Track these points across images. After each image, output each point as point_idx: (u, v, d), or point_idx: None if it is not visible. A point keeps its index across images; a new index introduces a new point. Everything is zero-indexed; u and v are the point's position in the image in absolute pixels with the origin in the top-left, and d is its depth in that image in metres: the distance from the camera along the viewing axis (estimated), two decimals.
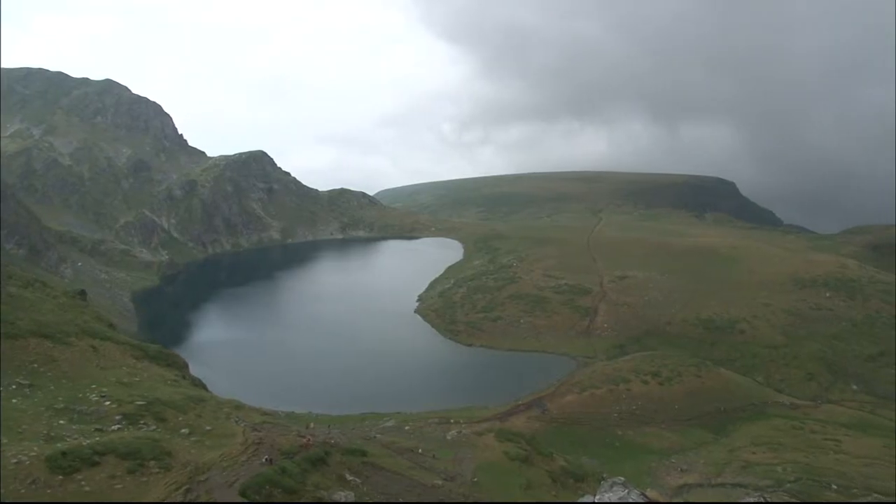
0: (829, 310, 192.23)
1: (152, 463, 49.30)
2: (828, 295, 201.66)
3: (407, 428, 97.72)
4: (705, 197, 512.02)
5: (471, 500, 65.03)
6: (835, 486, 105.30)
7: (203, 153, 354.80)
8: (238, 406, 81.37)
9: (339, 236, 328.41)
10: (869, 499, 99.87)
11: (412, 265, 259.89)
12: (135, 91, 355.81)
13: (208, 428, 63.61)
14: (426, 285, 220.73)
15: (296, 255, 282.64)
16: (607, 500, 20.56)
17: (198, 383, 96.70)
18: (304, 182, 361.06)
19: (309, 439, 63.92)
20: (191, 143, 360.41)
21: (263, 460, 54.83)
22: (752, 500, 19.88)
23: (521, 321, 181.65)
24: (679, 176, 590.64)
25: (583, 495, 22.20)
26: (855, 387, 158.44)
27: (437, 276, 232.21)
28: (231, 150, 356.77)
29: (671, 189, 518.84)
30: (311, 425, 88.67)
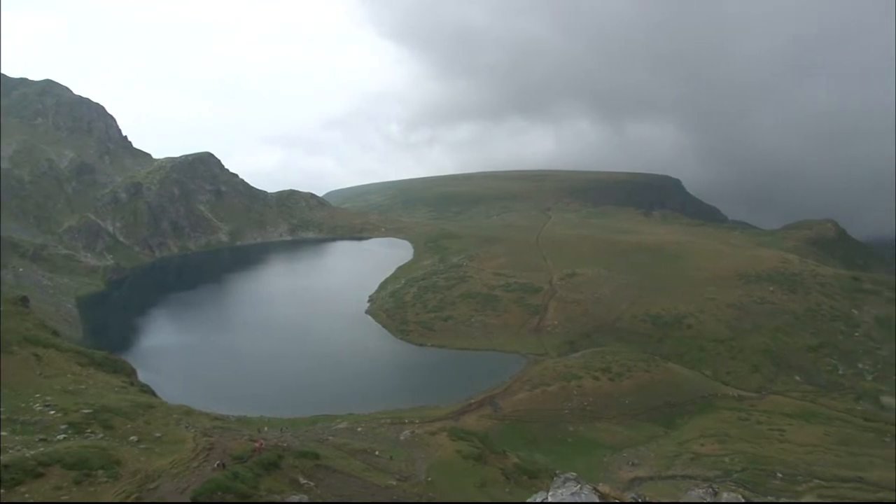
0: (773, 303, 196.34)
1: (100, 472, 48.34)
2: (771, 289, 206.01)
3: (360, 429, 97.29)
4: (652, 194, 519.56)
5: (424, 500, 65.01)
6: (779, 475, 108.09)
7: (148, 155, 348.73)
8: (188, 411, 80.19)
9: (289, 238, 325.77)
10: (810, 483, 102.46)
11: (362, 266, 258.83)
12: (77, 92, 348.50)
13: (158, 435, 62.59)
14: (377, 286, 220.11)
15: (245, 258, 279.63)
16: (560, 496, 20.63)
17: (146, 389, 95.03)
18: (253, 184, 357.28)
19: (261, 443, 63.23)
20: (136, 144, 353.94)
21: (215, 466, 54.10)
22: (700, 490, 20.21)
23: (472, 320, 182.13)
24: (626, 174, 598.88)
25: (536, 492, 22.24)
26: (797, 377, 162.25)
27: (387, 276, 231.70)
28: (177, 151, 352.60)
29: (619, 187, 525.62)
30: (265, 429, 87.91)
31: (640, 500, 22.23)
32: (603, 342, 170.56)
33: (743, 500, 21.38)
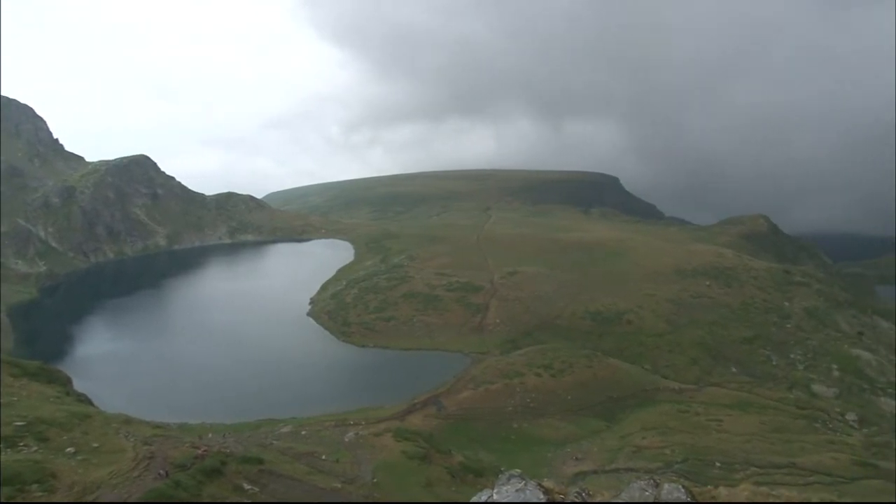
0: (709, 298, 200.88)
1: (34, 486, 47.08)
2: (707, 284, 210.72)
3: (304, 432, 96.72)
4: (591, 192, 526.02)
5: (370, 501, 65.05)
6: (718, 464, 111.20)
7: (81, 158, 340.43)
8: (127, 420, 78.62)
9: (228, 241, 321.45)
10: (747, 471, 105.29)
11: (303, 268, 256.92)
12: (3, 93, 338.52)
13: (95, 445, 61.21)
14: (318, 287, 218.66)
15: (183, 262, 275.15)
16: (505, 494, 20.98)
17: (83, 399, 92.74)
18: (190, 186, 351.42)
19: (203, 450, 62.52)
20: (68, 147, 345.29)
21: (156, 475, 53.36)
22: (642, 483, 20.72)
23: (415, 320, 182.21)
24: (566, 172, 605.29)
25: (482, 489, 22.56)
26: (734, 369, 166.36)
27: (328, 277, 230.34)
28: (111, 154, 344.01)
29: (558, 185, 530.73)
30: (210, 435, 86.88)
31: (583, 495, 22.69)
32: (544, 339, 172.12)
33: (682, 491, 21.97)
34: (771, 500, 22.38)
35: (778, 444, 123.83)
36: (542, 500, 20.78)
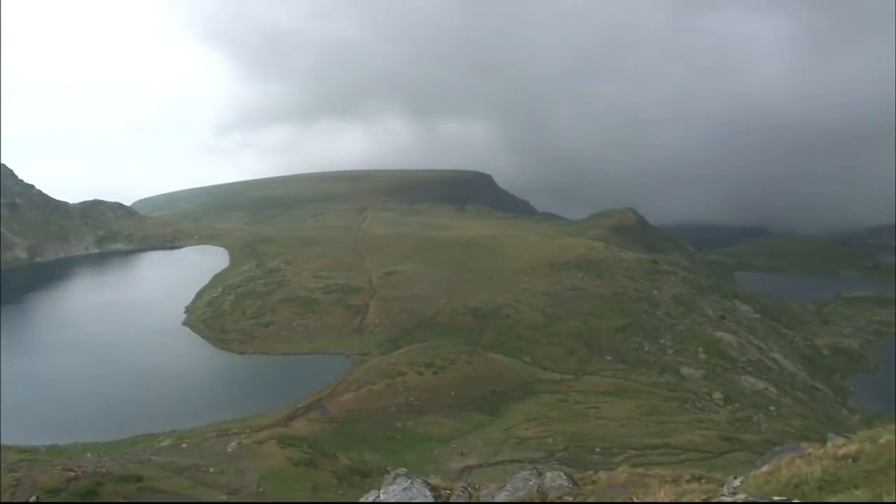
0: (583, 289, 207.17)
1: None
2: (580, 276, 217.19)
3: (184, 445, 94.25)
4: (465, 190, 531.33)
5: (255, 502, 64.26)
6: (598, 449, 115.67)
7: None
8: None
9: (96, 251, 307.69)
10: (625, 454, 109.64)
11: (177, 276, 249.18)
12: None
13: None
14: (193, 296, 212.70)
15: (46, 275, 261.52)
16: (392, 493, 21.27)
17: None
18: (52, 195, 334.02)
19: (76, 472, 60.10)
20: None
21: (29, 501, 51.01)
22: (525, 472, 21.43)
23: (294, 324, 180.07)
24: (440, 171, 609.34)
25: (368, 490, 22.79)
26: (609, 357, 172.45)
27: (203, 285, 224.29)
28: None
29: (433, 184, 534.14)
30: (89, 455, 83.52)
31: (469, 489, 23.23)
32: (425, 337, 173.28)
33: (565, 478, 22.83)
34: (646, 480, 23.55)
35: (652, 426, 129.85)
36: (429, 497, 21.18)
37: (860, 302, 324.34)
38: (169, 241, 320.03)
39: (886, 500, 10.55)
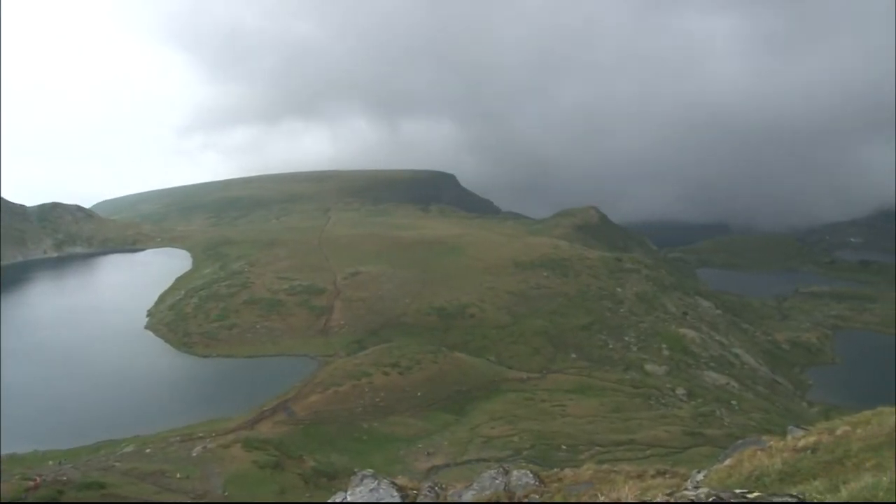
0: (548, 288, 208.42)
1: None
2: (545, 274, 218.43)
3: (148, 451, 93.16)
4: (429, 190, 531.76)
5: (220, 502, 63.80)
6: (564, 447, 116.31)
7: None
8: None
9: (55, 254, 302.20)
10: (591, 451, 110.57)
11: (138, 279, 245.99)
12: None
13: None
14: (155, 299, 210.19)
15: (5, 280, 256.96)
16: (359, 494, 21.24)
17: None
18: (9, 198, 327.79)
19: (37, 480, 59.14)
20: None
21: None
22: (492, 472, 21.57)
23: (258, 326, 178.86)
24: (403, 171, 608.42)
25: (335, 492, 22.77)
26: (574, 355, 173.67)
27: (166, 288, 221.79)
28: None
29: (397, 184, 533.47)
30: (50, 463, 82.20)
31: (436, 489, 23.30)
32: (390, 338, 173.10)
33: (531, 476, 22.98)
34: (612, 476, 23.81)
35: (618, 422, 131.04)
36: (396, 498, 21.20)
37: (818, 297, 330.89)
38: (130, 243, 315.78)
39: (843, 489, 10.84)
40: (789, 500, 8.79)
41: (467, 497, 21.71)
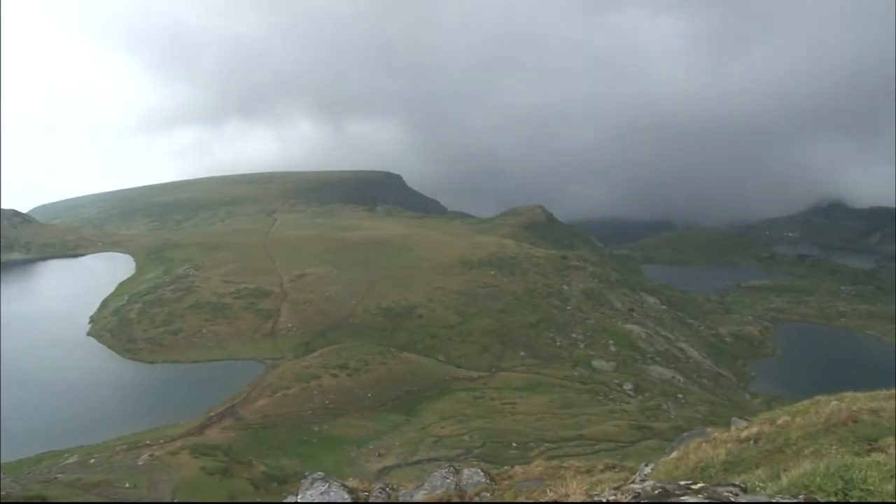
0: (495, 286, 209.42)
1: None
2: (492, 273, 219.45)
3: (92, 461, 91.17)
4: (375, 190, 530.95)
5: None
6: (514, 444, 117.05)
7: None
8: None
9: None
10: (541, 447, 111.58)
11: (80, 285, 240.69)
12: None
13: None
14: (97, 305, 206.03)
15: None
16: (309, 497, 21.23)
17: None
18: None
19: None
20: None
21: None
22: (443, 471, 21.69)
23: (204, 331, 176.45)
24: (349, 172, 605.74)
25: (286, 496, 22.72)
26: (522, 353, 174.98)
27: (108, 294, 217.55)
28: None
29: (342, 185, 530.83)
30: None
31: (387, 490, 23.36)
32: (339, 339, 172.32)
33: (482, 474, 23.19)
34: (561, 472, 24.11)
35: (567, 419, 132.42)
36: (347, 499, 21.21)
37: (758, 291, 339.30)
38: (71, 249, 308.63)
39: (784, 477, 11.18)
40: (732, 489, 9.05)
41: (418, 497, 21.81)
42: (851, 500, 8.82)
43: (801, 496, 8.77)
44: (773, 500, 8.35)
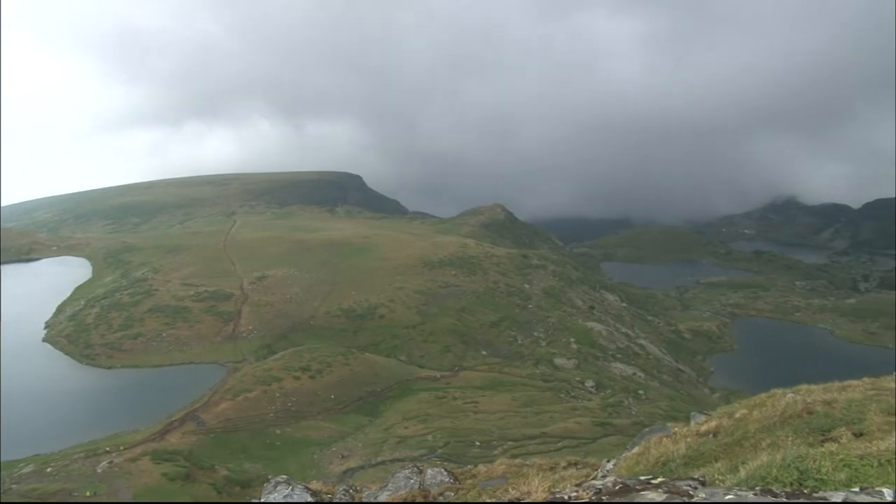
0: (456, 286, 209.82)
1: None
2: (453, 273, 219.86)
3: (49, 470, 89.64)
4: (335, 191, 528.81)
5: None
6: (477, 443, 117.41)
7: None
8: None
9: None
10: (504, 445, 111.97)
11: (35, 290, 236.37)
12: None
13: None
14: (53, 310, 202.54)
15: None
16: (273, 500, 21.13)
17: None
18: None
19: None
20: None
21: None
22: (406, 471, 21.76)
23: (164, 334, 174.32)
24: (309, 172, 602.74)
25: (249, 500, 22.57)
26: (484, 352, 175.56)
27: (64, 298, 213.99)
28: None
29: (302, 186, 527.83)
30: None
31: (351, 491, 23.32)
32: (300, 341, 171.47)
33: (445, 473, 23.25)
34: (524, 470, 24.27)
35: (529, 416, 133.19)
36: (310, 502, 21.15)
37: (716, 287, 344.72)
38: (24, 253, 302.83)
39: (742, 469, 11.45)
40: (692, 482, 9.22)
41: (382, 497, 21.80)
42: (805, 490, 9.05)
43: (758, 488, 8.97)
44: (731, 493, 8.54)
